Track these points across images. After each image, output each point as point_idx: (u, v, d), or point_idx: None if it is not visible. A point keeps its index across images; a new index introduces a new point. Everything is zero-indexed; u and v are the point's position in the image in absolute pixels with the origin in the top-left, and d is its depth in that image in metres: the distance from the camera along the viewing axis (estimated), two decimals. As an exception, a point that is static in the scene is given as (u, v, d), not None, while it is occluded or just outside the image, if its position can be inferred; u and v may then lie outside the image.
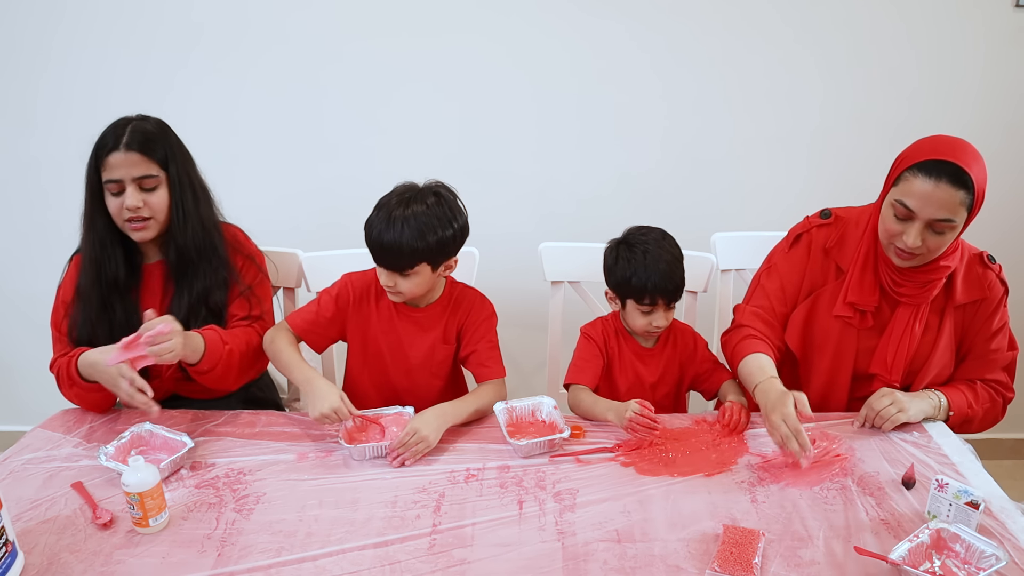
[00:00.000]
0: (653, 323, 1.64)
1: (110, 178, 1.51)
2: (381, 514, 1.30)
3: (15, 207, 2.47)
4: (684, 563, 1.19)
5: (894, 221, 1.49)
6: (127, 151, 1.51)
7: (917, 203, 1.44)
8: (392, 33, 2.27)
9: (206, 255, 1.62)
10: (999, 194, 2.43)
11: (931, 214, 1.44)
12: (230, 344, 1.59)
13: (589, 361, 1.69)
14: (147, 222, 1.55)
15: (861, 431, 1.55)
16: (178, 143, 1.61)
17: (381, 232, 1.51)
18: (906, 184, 1.46)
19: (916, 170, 1.44)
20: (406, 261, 1.53)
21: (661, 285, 1.59)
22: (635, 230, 1.67)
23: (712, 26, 2.26)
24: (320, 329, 1.68)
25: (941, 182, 1.41)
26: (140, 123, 1.55)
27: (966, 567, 1.16)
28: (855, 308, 1.61)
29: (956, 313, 1.61)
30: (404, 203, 1.52)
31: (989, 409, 1.63)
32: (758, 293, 1.73)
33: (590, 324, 1.75)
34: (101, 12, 2.25)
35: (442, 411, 1.52)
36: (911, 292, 1.57)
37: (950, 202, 1.42)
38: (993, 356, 1.62)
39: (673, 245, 1.65)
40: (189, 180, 1.59)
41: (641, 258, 1.60)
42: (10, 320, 2.60)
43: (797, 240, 1.70)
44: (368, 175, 2.37)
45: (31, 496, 1.35)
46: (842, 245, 1.64)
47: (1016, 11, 2.23)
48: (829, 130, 2.37)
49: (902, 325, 1.60)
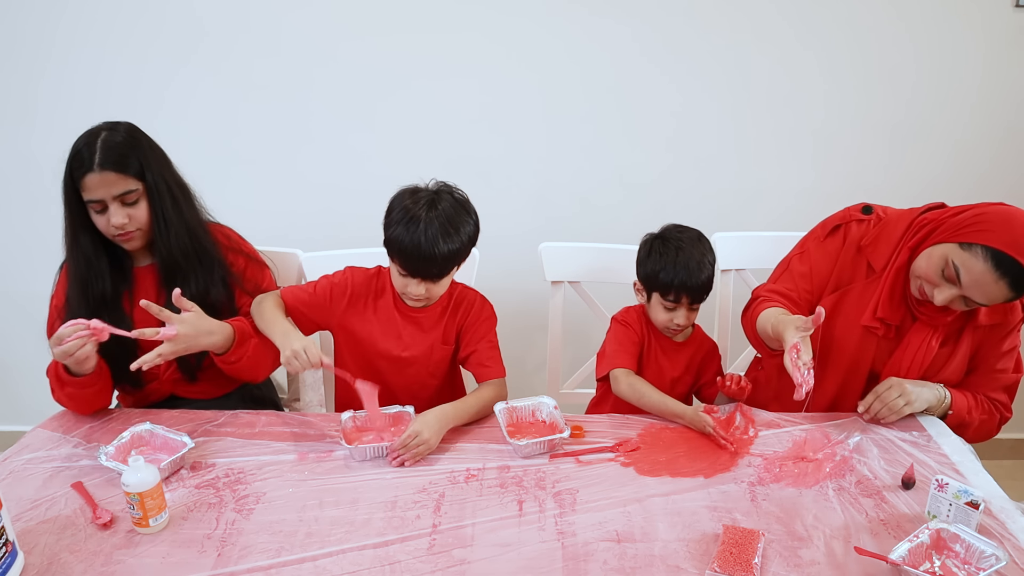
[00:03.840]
0: (674, 320, 1.65)
1: (91, 198, 1.49)
2: (381, 514, 1.30)
3: (15, 207, 2.47)
4: (684, 563, 1.19)
5: (938, 275, 1.45)
6: (102, 171, 1.47)
7: (970, 282, 1.41)
8: (392, 33, 2.27)
9: (195, 258, 1.61)
10: (999, 195, 2.43)
11: (975, 296, 1.42)
12: (256, 338, 1.60)
13: (629, 347, 1.69)
14: (134, 234, 1.55)
15: (862, 428, 1.55)
16: (150, 147, 1.57)
17: (419, 245, 1.48)
18: (971, 258, 1.40)
19: (989, 254, 1.38)
20: (446, 267, 1.54)
21: (687, 283, 1.60)
22: (672, 227, 1.69)
23: (713, 27, 2.26)
24: (310, 311, 1.67)
25: (1003, 280, 1.38)
26: (110, 135, 1.50)
27: (966, 567, 1.16)
28: (884, 322, 1.59)
29: (975, 333, 1.59)
30: (428, 206, 1.50)
31: (986, 421, 1.63)
32: (785, 276, 1.71)
33: (623, 312, 1.76)
34: (101, 12, 2.25)
35: (443, 412, 1.52)
36: (931, 312, 1.56)
37: (998, 297, 1.41)
38: (998, 376, 1.62)
39: (707, 248, 1.66)
40: (167, 185, 1.56)
41: (673, 254, 1.61)
42: (10, 320, 2.60)
43: (835, 231, 1.67)
44: (368, 175, 2.38)
45: (31, 496, 1.34)
46: (876, 245, 1.60)
47: (1016, 11, 2.23)
48: (830, 130, 2.37)
49: (919, 339, 1.58)
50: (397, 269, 1.56)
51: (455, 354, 1.73)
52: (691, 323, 1.70)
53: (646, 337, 1.73)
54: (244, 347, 1.59)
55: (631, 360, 1.68)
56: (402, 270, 1.54)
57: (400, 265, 1.54)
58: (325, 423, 1.59)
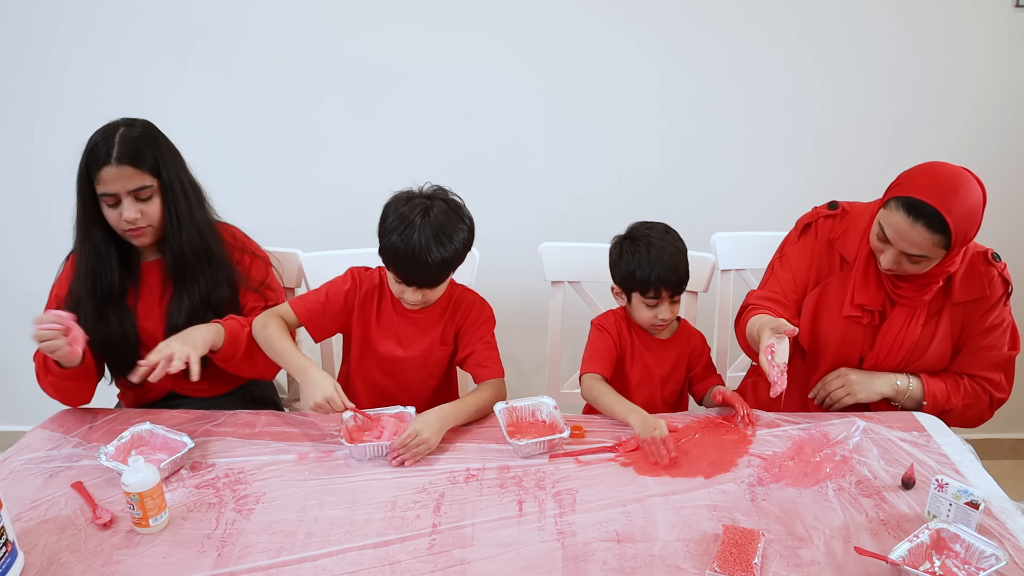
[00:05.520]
0: (659, 316, 1.65)
1: (105, 192, 1.51)
2: (381, 514, 1.30)
3: (15, 207, 2.47)
4: (684, 563, 1.19)
5: (876, 239, 1.54)
6: (119, 165, 1.49)
7: (893, 235, 1.48)
8: (392, 33, 2.26)
9: (203, 257, 1.62)
10: (999, 195, 2.42)
11: (904, 248, 1.48)
12: (248, 328, 1.60)
13: (603, 352, 1.69)
14: (145, 230, 1.56)
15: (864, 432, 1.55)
16: (166, 145, 1.59)
17: (414, 254, 1.48)
18: (889, 213, 1.49)
19: (900, 203, 1.46)
20: (441, 274, 1.55)
21: (665, 277, 1.60)
22: (639, 225, 1.69)
23: (713, 26, 2.26)
24: (325, 321, 1.67)
25: (918, 224, 1.44)
26: (127, 131, 1.52)
27: (966, 567, 1.16)
28: (863, 309, 1.62)
29: (955, 310, 1.62)
30: (422, 214, 1.50)
31: (971, 405, 1.64)
32: (772, 280, 1.75)
33: (602, 316, 1.76)
34: (101, 12, 2.24)
35: (443, 412, 1.52)
36: (908, 294, 1.59)
37: (923, 243, 1.45)
38: (986, 353, 1.63)
39: (676, 239, 1.66)
40: (180, 183, 1.58)
41: (645, 251, 1.61)
42: (10, 320, 2.60)
43: (806, 230, 1.72)
44: (368, 175, 2.38)
45: (31, 496, 1.35)
46: (845, 238, 1.66)
47: (1016, 11, 2.23)
48: (829, 130, 2.37)
49: (898, 324, 1.61)
50: (393, 277, 1.56)
51: (453, 355, 1.73)
52: (675, 316, 1.69)
53: (627, 339, 1.72)
54: (236, 345, 1.58)
55: (604, 365, 1.67)
56: (397, 278, 1.55)
57: (396, 273, 1.54)
58: (325, 423, 1.59)
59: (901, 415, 1.61)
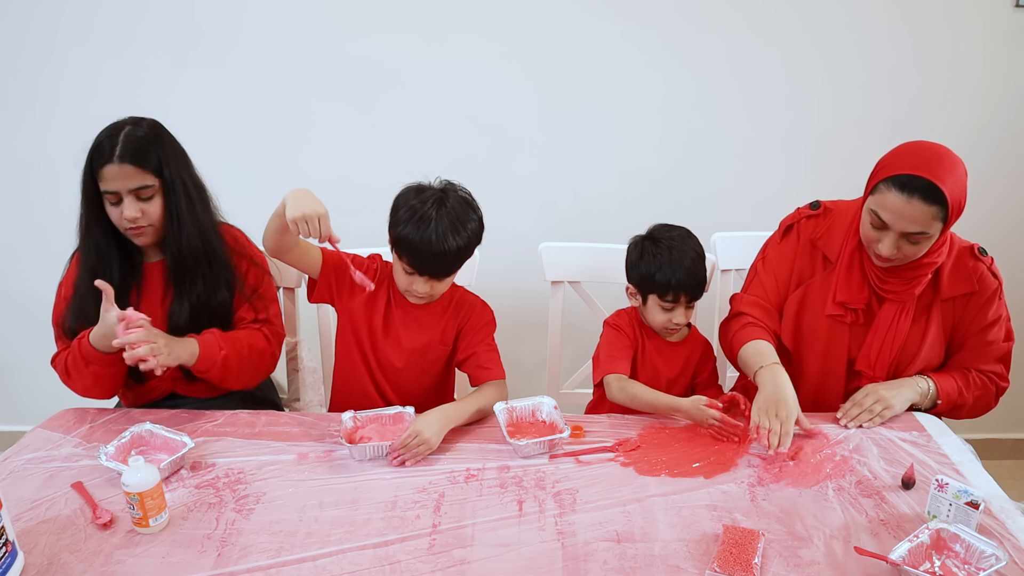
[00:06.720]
0: (673, 319, 1.65)
1: (107, 189, 1.51)
2: (381, 514, 1.30)
3: (15, 207, 2.47)
4: (684, 563, 1.19)
5: (870, 229, 1.52)
6: (121, 163, 1.49)
7: (890, 216, 1.47)
8: (392, 33, 2.27)
9: (204, 259, 1.61)
10: (999, 194, 2.44)
11: (904, 227, 1.46)
12: (225, 349, 1.57)
13: (623, 351, 1.69)
14: (145, 229, 1.56)
15: (861, 430, 1.55)
16: (172, 144, 1.58)
17: (430, 243, 1.49)
18: (881, 196, 1.48)
19: (891, 183, 1.46)
20: (455, 264, 1.56)
21: (685, 282, 1.61)
22: (660, 227, 1.69)
23: (712, 26, 2.26)
24: (338, 269, 1.66)
25: (914, 198, 1.43)
26: (133, 130, 1.52)
27: (966, 567, 1.16)
28: (845, 307, 1.62)
29: (944, 307, 1.62)
30: (437, 204, 1.51)
31: (980, 396, 1.65)
32: (755, 283, 1.75)
33: (615, 315, 1.76)
34: (101, 12, 2.25)
35: (444, 413, 1.52)
36: (896, 289, 1.59)
37: (922, 217, 1.44)
38: (988, 348, 1.63)
39: (697, 244, 1.67)
40: (184, 184, 1.57)
41: (667, 254, 1.62)
42: (10, 320, 2.60)
43: (788, 231, 1.73)
44: (368, 175, 2.38)
45: (31, 496, 1.34)
46: (829, 237, 1.66)
47: (1016, 11, 2.23)
48: (829, 130, 2.37)
49: (887, 322, 1.61)
50: (403, 267, 1.56)
51: (450, 357, 1.73)
52: (688, 321, 1.70)
53: (640, 339, 1.72)
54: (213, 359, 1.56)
55: (624, 364, 1.67)
56: (409, 268, 1.55)
57: (408, 263, 1.54)
58: (325, 423, 1.59)
59: (901, 415, 1.61)
